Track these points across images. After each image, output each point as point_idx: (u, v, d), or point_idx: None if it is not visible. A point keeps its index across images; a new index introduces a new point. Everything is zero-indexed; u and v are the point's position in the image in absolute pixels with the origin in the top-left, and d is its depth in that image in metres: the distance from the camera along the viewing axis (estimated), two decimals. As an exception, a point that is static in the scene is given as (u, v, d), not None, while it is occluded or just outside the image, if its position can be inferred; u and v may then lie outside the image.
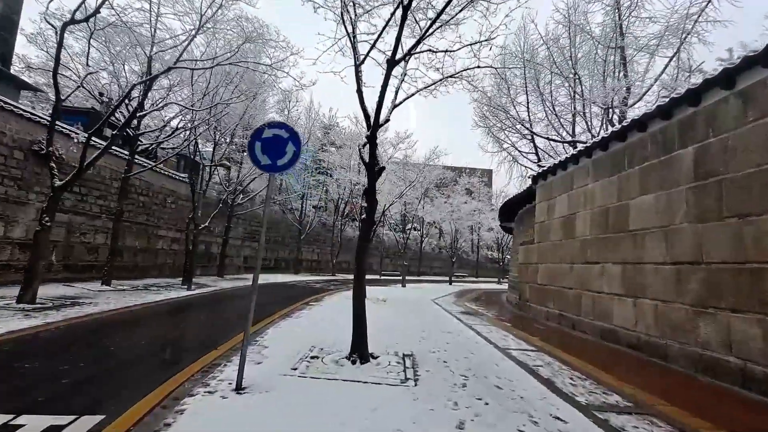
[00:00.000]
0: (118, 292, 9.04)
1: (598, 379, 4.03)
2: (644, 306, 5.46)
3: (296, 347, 4.56)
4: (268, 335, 5.29)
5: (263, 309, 7.92)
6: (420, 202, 21.35)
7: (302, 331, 5.69)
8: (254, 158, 3.23)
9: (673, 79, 11.81)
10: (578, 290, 7.25)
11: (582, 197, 7.42)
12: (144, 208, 14.27)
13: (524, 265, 10.11)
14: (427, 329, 6.43)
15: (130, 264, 13.48)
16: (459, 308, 10.34)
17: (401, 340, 5.35)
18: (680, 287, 4.86)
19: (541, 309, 8.71)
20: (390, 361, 4.18)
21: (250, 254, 22.00)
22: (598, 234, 6.75)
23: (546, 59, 15.36)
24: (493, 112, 17.41)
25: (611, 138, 6.49)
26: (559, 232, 8.26)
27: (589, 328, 6.75)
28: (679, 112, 5.18)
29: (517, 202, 12.14)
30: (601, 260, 6.61)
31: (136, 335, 5.11)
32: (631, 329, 5.68)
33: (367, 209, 3.97)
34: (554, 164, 8.47)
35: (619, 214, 6.25)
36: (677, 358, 4.77)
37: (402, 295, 13.43)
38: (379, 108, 3.72)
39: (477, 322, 7.71)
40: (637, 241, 5.73)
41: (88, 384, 3.09)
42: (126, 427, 2.34)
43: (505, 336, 6.29)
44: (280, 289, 13.44)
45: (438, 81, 4.62)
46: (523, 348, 5.40)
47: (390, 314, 8.09)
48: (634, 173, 5.99)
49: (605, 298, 6.41)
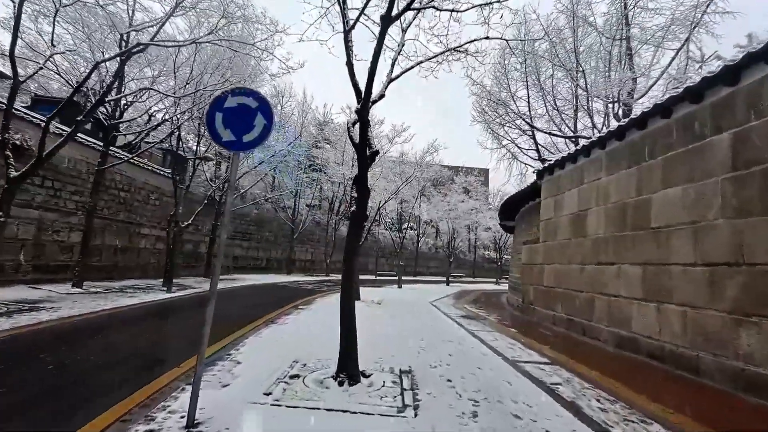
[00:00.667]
0: (89, 295, 8.30)
1: (629, 401, 3.42)
2: (670, 312, 4.87)
3: (275, 363, 3.90)
4: (246, 346, 4.62)
5: (247, 314, 7.24)
6: (417, 200, 20.72)
7: (286, 340, 5.03)
8: (214, 133, 2.57)
9: (682, 72, 11.28)
10: (590, 293, 6.65)
11: (594, 192, 6.82)
12: (125, 204, 13.49)
13: (528, 265, 9.52)
14: (426, 337, 5.79)
15: (110, 264, 12.70)
16: (459, 311, 9.73)
17: (397, 351, 4.71)
18: (715, 292, 4.26)
19: (547, 313, 8.12)
20: (384, 380, 3.53)
21: (241, 254, 21.24)
22: (614, 232, 6.16)
23: (547, 51, 14.80)
24: (492, 107, 16.82)
25: (629, 126, 5.90)
26: (567, 230, 7.66)
27: (603, 335, 6.15)
28: (712, 93, 4.58)
29: (519, 199, 11.56)
30: (617, 261, 6.02)
31: (89, 348, 4.40)
32: (654, 338, 5.08)
33: (357, 200, 3.33)
34: (562, 157, 7.88)
35: (638, 210, 5.66)
36: (712, 372, 4.18)
37: (398, 297, 12.79)
38: (372, 75, 3.09)
39: (479, 328, 7.10)
40: (661, 239, 5.14)
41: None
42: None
43: (512, 344, 5.67)
44: (269, 291, 12.75)
45: (441, 53, 3.98)
46: (534, 360, 4.78)
47: (385, 319, 7.45)
48: (656, 164, 5.40)
49: (622, 302, 5.81)
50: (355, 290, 3.43)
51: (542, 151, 16.60)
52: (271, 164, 17.92)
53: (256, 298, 10.13)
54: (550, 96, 15.67)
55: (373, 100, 3.49)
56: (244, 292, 11.77)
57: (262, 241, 23.31)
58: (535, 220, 10.13)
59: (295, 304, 8.96)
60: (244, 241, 21.43)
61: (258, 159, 16.85)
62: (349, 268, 3.38)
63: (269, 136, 2.61)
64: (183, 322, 6.16)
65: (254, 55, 7.53)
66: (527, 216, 11.46)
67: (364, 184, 3.28)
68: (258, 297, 10.87)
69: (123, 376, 3.46)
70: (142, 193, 14.31)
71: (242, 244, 21.28)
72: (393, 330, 6.30)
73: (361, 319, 7.15)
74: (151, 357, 4.20)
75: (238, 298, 10.29)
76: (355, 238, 3.38)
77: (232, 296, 10.45)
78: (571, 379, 4.04)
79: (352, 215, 3.40)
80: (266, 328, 5.90)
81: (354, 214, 3.36)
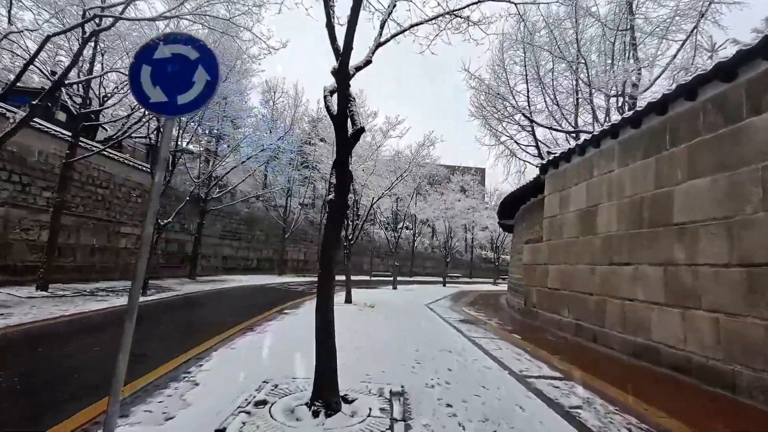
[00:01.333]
0: (53, 298, 7.58)
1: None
2: (698, 319, 4.29)
3: (241, 383, 3.26)
4: (212, 361, 3.97)
5: (224, 319, 6.59)
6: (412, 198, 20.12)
7: (261, 353, 4.38)
8: (138, 92, 1.94)
9: (690, 62, 10.78)
10: (601, 296, 6.07)
11: (606, 186, 6.24)
12: (104, 201, 12.73)
13: (530, 266, 8.93)
14: (422, 347, 5.17)
15: (85, 265, 11.94)
16: (457, 315, 9.12)
17: (389, 366, 4.08)
18: (755, 296, 3.69)
19: (552, 317, 7.54)
20: (371, 407, 2.90)
21: (231, 254, 20.48)
22: (629, 229, 5.57)
23: (547, 44, 14.25)
24: (490, 101, 16.25)
25: (647, 112, 5.32)
26: (574, 228, 7.08)
27: (617, 343, 5.57)
28: (748, 69, 4.00)
29: (519, 196, 10.98)
30: (632, 261, 5.44)
31: (22, 366, 3.72)
32: (679, 347, 4.50)
33: (336, 187, 2.70)
34: (569, 149, 7.30)
35: (658, 205, 5.08)
36: (753, 390, 3.59)
37: (392, 299, 12.17)
38: (353, 26, 2.45)
39: (481, 334, 6.49)
40: (686, 236, 4.56)
41: None
42: None
43: (518, 355, 5.06)
44: (256, 293, 12.06)
45: (437, 16, 3.36)
46: (546, 375, 4.17)
47: (377, 325, 6.82)
48: (679, 152, 4.82)
49: (639, 307, 5.24)
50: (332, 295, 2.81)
51: (542, 147, 16.07)
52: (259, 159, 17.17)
53: (240, 301, 9.46)
54: (551, 90, 15.15)
55: (358, 66, 2.87)
56: (229, 295, 11.08)
57: (253, 240, 22.58)
58: (538, 217, 9.56)
59: (281, 308, 8.29)
60: (234, 240, 20.68)
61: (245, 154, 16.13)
62: (326, 268, 2.74)
63: (213, 95, 1.97)
64: (147, 332, 5.48)
65: (232, 34, 6.85)
66: (529, 214, 10.89)
67: (344, 167, 2.66)
68: (242, 300, 10.19)
69: (45, 406, 2.78)
70: (122, 189, 13.56)
71: (232, 244, 20.53)
72: (385, 338, 5.68)
73: (350, 326, 6.54)
74: (91, 378, 3.50)
75: (220, 301, 9.61)
76: (333, 233, 2.74)
77: (214, 299, 9.77)
78: (591, 399, 3.44)
79: (330, 204, 2.77)
80: (242, 337, 5.24)
81: (332, 204, 2.73)
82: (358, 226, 10.76)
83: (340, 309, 8.99)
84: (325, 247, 2.76)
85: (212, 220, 18.98)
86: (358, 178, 10.86)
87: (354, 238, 10.71)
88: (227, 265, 20.13)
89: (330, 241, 2.73)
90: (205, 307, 8.32)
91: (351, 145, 2.83)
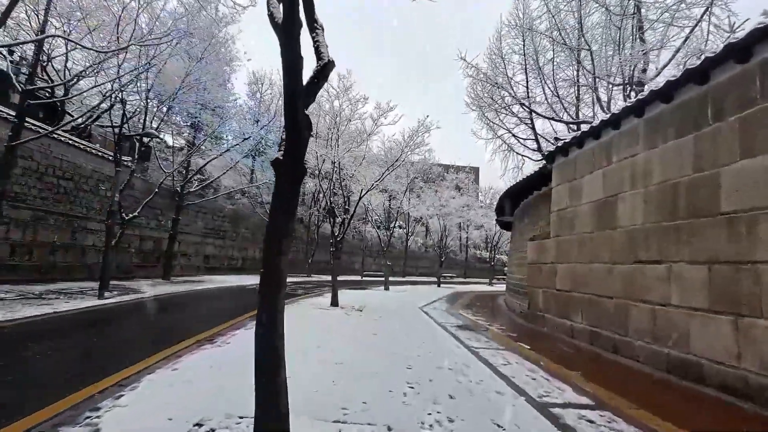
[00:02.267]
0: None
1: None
2: (759, 330, 3.45)
3: (162, 428, 2.31)
4: (138, 390, 3.01)
5: (183, 327, 5.64)
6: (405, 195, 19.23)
7: (208, 376, 3.43)
8: None
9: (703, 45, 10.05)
10: (623, 300, 5.24)
11: (628, 172, 5.40)
12: (67, 194, 11.59)
13: (535, 265, 8.09)
14: (416, 363, 4.27)
15: (45, 264, 10.81)
16: (454, 319, 8.25)
17: (374, 392, 3.17)
18: None
19: (562, 322, 6.69)
20: (341, 469, 1.98)
21: (214, 253, 19.36)
22: (660, 221, 4.73)
23: (548, 30, 13.47)
24: (487, 91, 15.43)
25: (682, 81, 4.48)
26: (589, 222, 6.25)
27: (645, 355, 4.73)
28: (829, 14, 3.17)
29: (520, 189, 10.14)
30: (664, 258, 4.60)
31: None
32: (730, 364, 3.67)
33: (287, 142, 1.78)
34: (582, 133, 6.46)
35: (698, 191, 4.25)
36: None
37: (384, 302, 11.25)
38: None
39: (483, 344, 5.61)
40: (739, 227, 3.73)
41: None
42: None
43: (532, 372, 4.19)
44: (232, 295, 11.02)
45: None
46: (572, 401, 3.29)
47: (364, 334, 5.89)
48: (726, 128, 3.99)
49: (674, 313, 4.40)
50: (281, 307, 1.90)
51: (541, 141, 15.30)
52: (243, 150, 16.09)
53: (211, 305, 8.46)
54: (551, 81, 14.38)
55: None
56: (201, 297, 10.05)
57: (238, 239, 21.48)
58: (543, 212, 8.73)
59: (254, 314, 7.31)
60: (217, 239, 19.57)
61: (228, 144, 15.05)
62: (272, 267, 1.81)
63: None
64: (71, 348, 4.48)
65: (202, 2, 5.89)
66: (532, 208, 10.06)
67: (296, 110, 1.73)
68: (214, 303, 9.20)
69: None
70: (89, 182, 12.42)
71: (215, 243, 19.41)
72: (373, 351, 4.76)
73: (332, 336, 5.58)
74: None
75: (189, 305, 8.59)
76: (283, 210, 1.82)
77: (182, 303, 8.75)
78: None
79: (276, 167, 1.84)
80: (195, 351, 4.28)
81: (279, 166, 1.80)
82: (346, 222, 9.83)
83: (324, 313, 8.07)
84: (271, 234, 1.83)
85: (193, 216, 17.86)
86: (347, 169, 9.93)
87: (342, 235, 9.77)
88: (210, 264, 19.01)
89: (277, 226, 1.81)
90: (167, 313, 7.31)
91: (316, 85, 1.91)
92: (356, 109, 9.75)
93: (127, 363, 3.67)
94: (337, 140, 9.43)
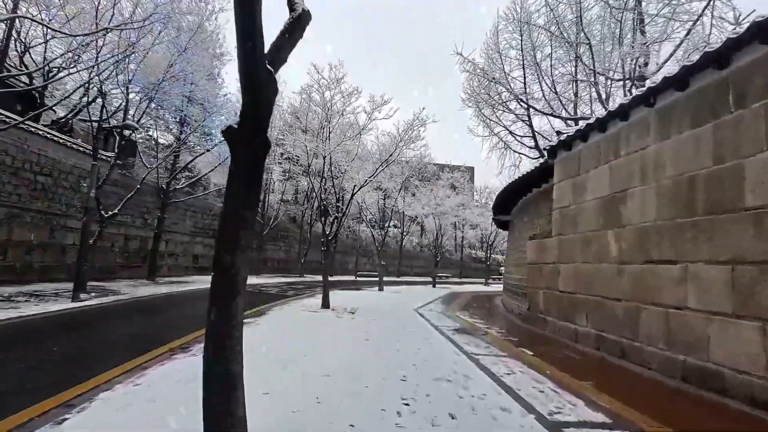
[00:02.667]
0: (-54, 306, 5.99)
1: None
2: (791, 338, 3.11)
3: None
4: (86, 413, 2.58)
5: (156, 333, 5.18)
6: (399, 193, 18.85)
7: (174, 392, 3.00)
8: None
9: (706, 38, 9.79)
10: (633, 302, 4.89)
11: (638, 165, 5.06)
12: (45, 191, 11.03)
13: (535, 265, 7.75)
14: (410, 373, 3.88)
15: (20, 264, 10.24)
16: (451, 322, 7.87)
17: (363, 411, 2.77)
18: None
19: (566, 326, 6.35)
20: None
21: (203, 252, 18.80)
22: (674, 217, 4.39)
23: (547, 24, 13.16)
24: (484, 87, 15.09)
25: (700, 66, 4.13)
26: (594, 219, 5.90)
27: (658, 362, 4.39)
28: None
29: (519, 186, 9.79)
30: (680, 258, 4.26)
31: None
32: (757, 374, 3.33)
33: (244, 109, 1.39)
34: (587, 125, 6.11)
35: (718, 184, 3.90)
36: None
37: (377, 303, 10.85)
38: None
39: (483, 350, 5.24)
40: (766, 225, 3.39)
41: None
42: None
43: (539, 383, 3.81)
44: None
45: None
46: (588, 419, 2.93)
47: (355, 339, 5.49)
48: (749, 115, 3.65)
49: (690, 317, 4.06)
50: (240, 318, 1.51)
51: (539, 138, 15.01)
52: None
53: (194, 308, 7.98)
54: (548, 77, 14.09)
55: None
56: (184, 299, 9.57)
57: (229, 238, 20.92)
58: (543, 210, 8.40)
59: (241, 316, 6.86)
60: (206, 238, 19.00)
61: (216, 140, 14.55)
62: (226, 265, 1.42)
63: None
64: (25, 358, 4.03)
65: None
66: (531, 206, 9.72)
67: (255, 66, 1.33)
68: (197, 305, 8.70)
69: None
70: (70, 178, 11.85)
71: (204, 242, 18.85)
72: (364, 360, 4.36)
73: (320, 341, 5.15)
74: None
75: (169, 307, 8.12)
76: (239, 193, 1.42)
77: (163, 305, 8.28)
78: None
79: (231, 137, 1.44)
80: (165, 362, 3.84)
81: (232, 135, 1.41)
82: (339, 220, 9.42)
83: (313, 316, 7.63)
84: (225, 224, 1.44)
85: (182, 215, 17.32)
86: (339, 164, 9.52)
87: (334, 233, 9.36)
88: (199, 264, 18.47)
89: (232, 213, 1.41)
90: (143, 316, 6.83)
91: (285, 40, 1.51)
92: (349, 101, 9.34)
93: (85, 377, 3.24)
94: (328, 134, 9.01)
